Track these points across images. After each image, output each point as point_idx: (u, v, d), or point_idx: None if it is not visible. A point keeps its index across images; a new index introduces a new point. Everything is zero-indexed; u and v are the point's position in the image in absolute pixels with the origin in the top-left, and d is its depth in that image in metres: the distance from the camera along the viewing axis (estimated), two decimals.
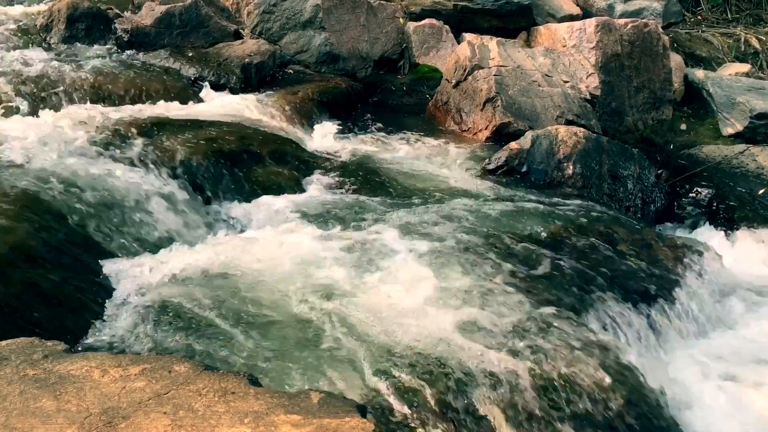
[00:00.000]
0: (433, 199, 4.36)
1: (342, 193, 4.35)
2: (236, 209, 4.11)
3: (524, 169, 4.84)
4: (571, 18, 7.20)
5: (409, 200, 4.31)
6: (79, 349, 2.59)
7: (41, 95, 4.90)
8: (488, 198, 4.40)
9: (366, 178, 4.60)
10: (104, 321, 2.92)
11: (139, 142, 4.25)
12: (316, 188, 4.40)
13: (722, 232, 5.04)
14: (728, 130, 6.36)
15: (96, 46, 5.80)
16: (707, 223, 5.17)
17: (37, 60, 5.33)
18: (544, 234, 3.88)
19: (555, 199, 4.48)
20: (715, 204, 5.39)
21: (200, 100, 5.36)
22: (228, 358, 2.70)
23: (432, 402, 2.57)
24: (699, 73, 6.97)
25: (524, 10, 7.09)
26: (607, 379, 2.81)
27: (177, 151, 4.25)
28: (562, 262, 3.66)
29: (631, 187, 5.01)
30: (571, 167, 4.85)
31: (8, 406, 1.93)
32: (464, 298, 3.15)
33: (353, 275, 3.27)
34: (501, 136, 5.35)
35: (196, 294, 3.09)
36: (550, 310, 3.20)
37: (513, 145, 4.94)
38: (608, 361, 2.90)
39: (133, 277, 3.23)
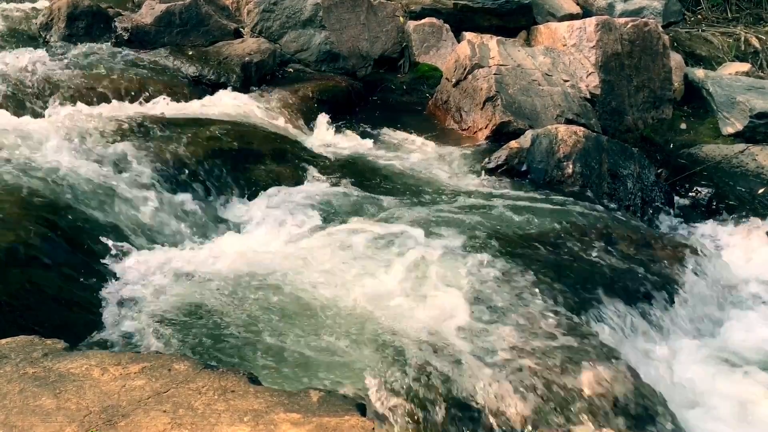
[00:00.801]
0: (433, 197, 4.36)
1: (342, 191, 4.35)
2: (236, 207, 4.12)
3: (524, 168, 4.84)
4: (571, 17, 7.19)
5: (408, 199, 4.31)
6: (79, 347, 2.59)
7: (41, 94, 4.89)
8: (488, 197, 4.40)
9: (366, 177, 4.60)
10: (104, 319, 2.93)
11: (140, 140, 4.25)
12: (316, 186, 4.40)
13: (722, 232, 5.04)
14: (728, 130, 6.36)
15: (96, 45, 5.79)
16: (707, 222, 5.17)
17: (36, 58, 5.32)
18: (543, 233, 3.88)
19: (555, 198, 4.48)
20: (714, 203, 5.39)
21: (200, 99, 5.35)
22: (228, 356, 2.70)
23: (431, 401, 2.57)
24: (699, 73, 6.97)
25: (524, 9, 7.09)
26: (607, 379, 2.81)
27: (177, 150, 4.24)
28: (561, 261, 3.66)
29: (630, 186, 5.01)
30: (570, 166, 4.85)
31: (8, 404, 1.93)
32: (462, 297, 3.15)
33: (353, 273, 3.27)
34: (501, 135, 5.35)
35: (197, 292, 3.10)
36: (549, 309, 3.20)
37: (513, 144, 4.94)
38: (607, 361, 2.90)
39: (134, 276, 3.23)
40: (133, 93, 5.14)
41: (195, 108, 5.14)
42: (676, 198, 5.41)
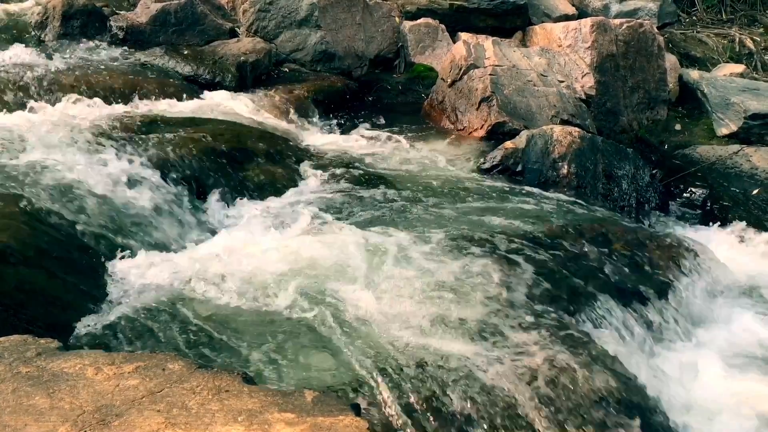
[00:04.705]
0: (428, 198, 4.36)
1: (337, 191, 4.35)
2: (231, 208, 4.11)
3: (519, 168, 4.84)
4: (567, 18, 7.20)
5: (403, 199, 4.30)
6: (73, 346, 2.59)
7: (36, 93, 4.88)
8: (483, 197, 4.40)
9: (361, 177, 4.59)
10: (98, 319, 2.92)
11: (134, 140, 4.24)
12: (312, 186, 4.40)
13: (716, 232, 5.06)
14: (723, 131, 6.37)
15: (91, 44, 5.77)
16: (701, 222, 5.19)
17: (32, 57, 5.31)
18: (538, 233, 3.88)
19: (550, 199, 4.48)
20: (709, 204, 5.41)
21: (195, 99, 5.34)
22: (223, 356, 2.70)
23: (426, 401, 2.57)
24: (694, 74, 6.99)
25: (520, 10, 7.10)
26: (601, 379, 2.81)
27: (172, 150, 4.23)
28: (556, 262, 3.66)
29: (625, 186, 5.02)
30: (566, 167, 4.85)
31: (1, 404, 1.92)
32: (458, 299, 3.15)
33: (348, 273, 3.27)
34: (496, 135, 5.36)
35: (192, 293, 3.09)
36: (543, 309, 3.21)
37: (508, 144, 4.94)
38: (602, 361, 2.91)
39: (128, 276, 3.22)
40: (127, 92, 5.12)
41: (190, 107, 5.13)
42: (671, 199, 5.43)
